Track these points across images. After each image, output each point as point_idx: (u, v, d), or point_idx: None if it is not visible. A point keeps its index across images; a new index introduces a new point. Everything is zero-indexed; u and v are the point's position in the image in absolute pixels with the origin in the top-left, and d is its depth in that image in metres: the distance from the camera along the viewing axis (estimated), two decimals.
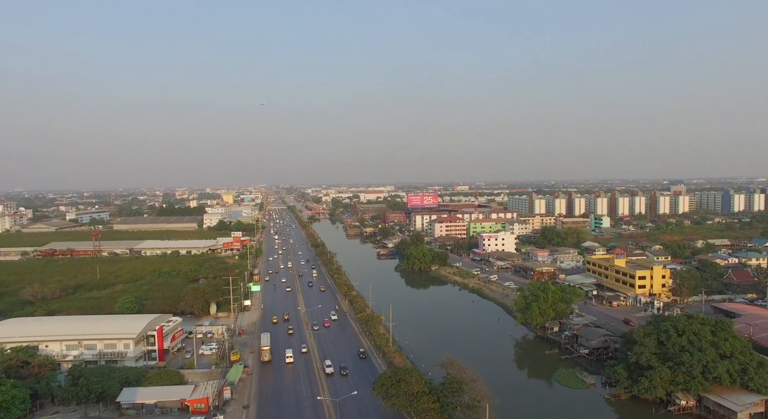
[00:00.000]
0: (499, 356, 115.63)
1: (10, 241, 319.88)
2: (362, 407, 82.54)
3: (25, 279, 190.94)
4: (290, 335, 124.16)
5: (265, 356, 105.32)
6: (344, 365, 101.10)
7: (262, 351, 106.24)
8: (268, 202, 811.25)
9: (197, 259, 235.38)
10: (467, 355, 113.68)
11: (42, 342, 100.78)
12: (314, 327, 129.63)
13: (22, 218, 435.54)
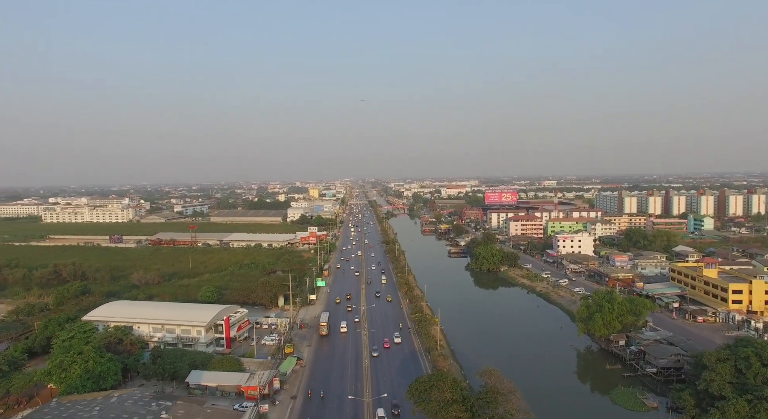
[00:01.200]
0: (555, 367, 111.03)
1: (130, 230, 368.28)
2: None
3: (136, 265, 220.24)
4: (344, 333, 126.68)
5: (323, 330, 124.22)
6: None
7: (321, 325, 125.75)
8: (351, 196, 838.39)
9: (276, 252, 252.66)
10: (521, 363, 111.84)
11: (135, 323, 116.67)
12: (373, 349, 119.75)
13: (141, 209, 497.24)
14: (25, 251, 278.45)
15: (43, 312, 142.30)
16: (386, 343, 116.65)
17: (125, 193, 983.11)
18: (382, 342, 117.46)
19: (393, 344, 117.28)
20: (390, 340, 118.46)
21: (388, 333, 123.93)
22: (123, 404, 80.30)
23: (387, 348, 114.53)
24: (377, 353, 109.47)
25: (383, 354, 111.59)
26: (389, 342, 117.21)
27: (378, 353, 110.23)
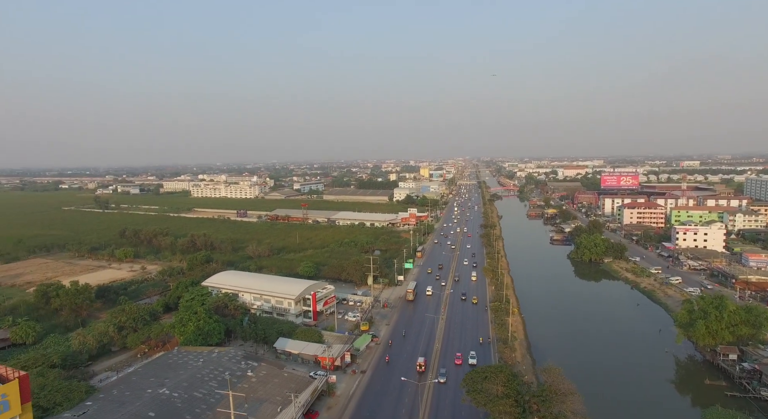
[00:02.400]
0: (644, 374, 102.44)
1: (255, 206, 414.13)
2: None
3: (254, 238, 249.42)
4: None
5: (410, 296, 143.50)
6: (459, 354, 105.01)
7: (408, 292, 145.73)
8: (462, 176, 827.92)
9: (376, 232, 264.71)
10: (605, 365, 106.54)
11: (240, 291, 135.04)
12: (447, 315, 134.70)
13: (265, 187, 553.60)
14: (175, 221, 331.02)
15: (179, 275, 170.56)
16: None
17: (257, 171, 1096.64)
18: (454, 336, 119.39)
19: (467, 328, 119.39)
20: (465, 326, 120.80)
21: (465, 328, 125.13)
22: (220, 359, 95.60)
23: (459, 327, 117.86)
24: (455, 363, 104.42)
25: (455, 339, 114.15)
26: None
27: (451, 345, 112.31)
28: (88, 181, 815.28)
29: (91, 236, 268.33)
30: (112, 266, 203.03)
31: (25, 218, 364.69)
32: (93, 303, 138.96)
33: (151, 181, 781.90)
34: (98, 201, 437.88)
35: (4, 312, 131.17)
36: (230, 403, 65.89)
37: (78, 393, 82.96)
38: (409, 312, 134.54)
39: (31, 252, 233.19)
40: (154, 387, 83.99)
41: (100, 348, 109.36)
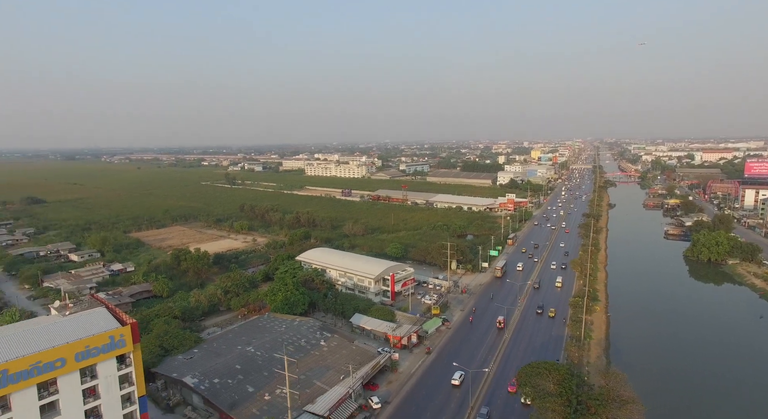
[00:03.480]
0: (745, 393, 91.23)
1: (360, 185, 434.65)
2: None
3: (353, 217, 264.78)
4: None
5: (498, 273, 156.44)
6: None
7: (496, 269, 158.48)
8: (578, 160, 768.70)
9: (471, 216, 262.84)
10: (697, 376, 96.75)
11: (328, 267, 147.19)
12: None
13: (372, 167, 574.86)
14: (287, 198, 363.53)
15: (281, 248, 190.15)
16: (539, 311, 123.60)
17: (368, 151, 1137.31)
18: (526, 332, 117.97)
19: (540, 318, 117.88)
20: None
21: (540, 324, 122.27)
22: (300, 327, 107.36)
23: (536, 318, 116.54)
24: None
25: (526, 329, 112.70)
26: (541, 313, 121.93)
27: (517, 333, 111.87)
28: (223, 159, 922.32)
29: (218, 209, 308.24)
30: (231, 236, 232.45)
31: (173, 191, 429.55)
32: (210, 268, 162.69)
33: (274, 160, 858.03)
34: (228, 177, 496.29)
35: (150, 269, 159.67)
36: (285, 365, 75.31)
37: (189, 341, 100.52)
38: (485, 302, 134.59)
39: (174, 221, 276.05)
40: (243, 345, 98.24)
41: (211, 307, 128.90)
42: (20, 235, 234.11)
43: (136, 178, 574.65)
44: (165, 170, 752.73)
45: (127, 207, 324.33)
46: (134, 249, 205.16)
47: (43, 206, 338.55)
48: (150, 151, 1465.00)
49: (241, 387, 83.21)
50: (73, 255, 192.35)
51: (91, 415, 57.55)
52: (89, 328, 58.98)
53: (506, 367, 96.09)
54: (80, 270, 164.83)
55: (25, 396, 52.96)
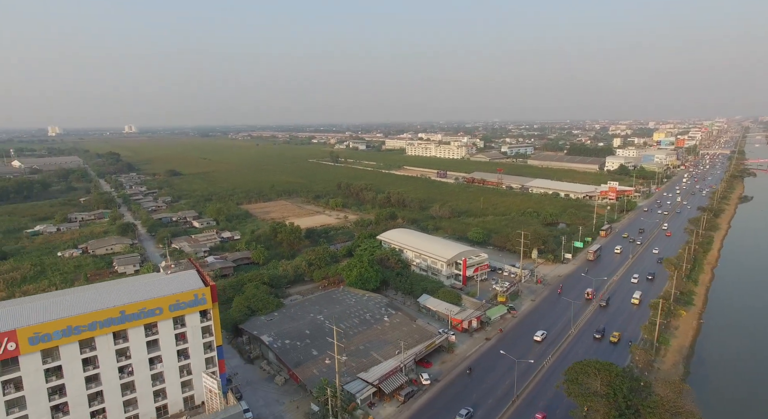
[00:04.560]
0: None
1: (458, 166, 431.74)
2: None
3: (442, 199, 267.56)
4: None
5: (590, 256, 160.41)
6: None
7: (589, 252, 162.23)
8: (714, 143, 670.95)
9: (567, 204, 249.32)
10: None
11: (405, 248, 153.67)
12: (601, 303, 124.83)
13: (472, 148, 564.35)
14: (384, 177, 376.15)
15: (368, 226, 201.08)
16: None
17: (473, 130, 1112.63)
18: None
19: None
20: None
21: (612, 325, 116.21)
22: (368, 302, 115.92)
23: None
24: (599, 335, 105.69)
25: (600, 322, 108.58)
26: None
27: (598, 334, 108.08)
28: (331, 137, 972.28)
29: (319, 185, 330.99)
30: (326, 212, 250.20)
31: (282, 167, 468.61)
32: (302, 241, 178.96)
33: (378, 138, 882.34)
34: (332, 155, 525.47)
35: (252, 239, 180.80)
36: (334, 336, 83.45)
37: (272, 305, 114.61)
38: (555, 295, 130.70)
39: (279, 195, 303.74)
40: (315, 313, 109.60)
41: (296, 276, 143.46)
42: (161, 203, 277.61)
43: (254, 154, 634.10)
44: (279, 147, 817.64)
45: (243, 181, 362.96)
46: (243, 219, 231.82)
47: (180, 178, 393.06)
48: (269, 129, 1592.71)
49: (307, 349, 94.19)
50: (196, 222, 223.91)
51: (182, 355, 71.46)
52: (181, 286, 72.62)
53: (563, 362, 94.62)
54: (198, 236, 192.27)
55: (137, 332, 67.90)
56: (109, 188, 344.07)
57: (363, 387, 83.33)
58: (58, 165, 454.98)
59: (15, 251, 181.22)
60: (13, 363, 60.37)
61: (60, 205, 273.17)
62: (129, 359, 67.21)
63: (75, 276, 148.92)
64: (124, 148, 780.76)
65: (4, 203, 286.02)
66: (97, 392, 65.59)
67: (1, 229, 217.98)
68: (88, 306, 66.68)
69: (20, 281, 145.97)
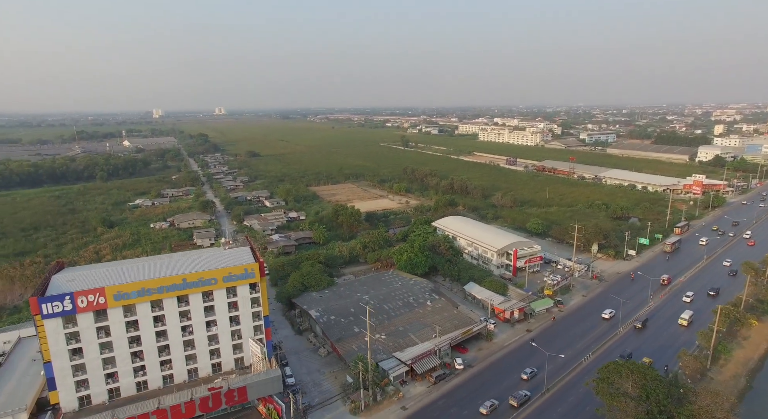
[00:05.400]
0: None
1: (530, 154, 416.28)
2: None
3: (507, 187, 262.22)
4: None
5: (667, 248, 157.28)
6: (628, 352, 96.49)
7: (665, 244, 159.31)
8: None
9: (643, 197, 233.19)
10: None
11: (458, 236, 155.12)
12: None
13: (547, 135, 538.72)
14: (451, 163, 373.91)
15: (427, 212, 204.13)
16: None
17: (554, 116, 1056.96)
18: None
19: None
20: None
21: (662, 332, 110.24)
22: (413, 286, 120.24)
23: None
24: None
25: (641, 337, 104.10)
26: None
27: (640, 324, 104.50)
28: (405, 121, 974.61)
29: (386, 170, 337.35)
30: (389, 197, 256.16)
31: (354, 150, 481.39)
32: (361, 224, 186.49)
33: (452, 123, 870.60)
34: (403, 140, 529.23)
35: (315, 220, 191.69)
36: (367, 315, 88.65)
37: (324, 282, 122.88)
38: (617, 289, 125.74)
39: (347, 178, 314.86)
40: (362, 293, 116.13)
41: (352, 257, 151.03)
42: (239, 182, 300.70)
43: (329, 137, 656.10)
44: (354, 130, 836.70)
45: (314, 163, 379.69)
46: (310, 201, 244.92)
47: (258, 159, 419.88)
48: (347, 112, 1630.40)
49: (349, 326, 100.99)
50: (267, 201, 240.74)
51: (233, 321, 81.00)
52: (234, 260, 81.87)
53: (600, 362, 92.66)
54: (268, 215, 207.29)
55: (196, 298, 78.19)
56: (197, 167, 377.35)
57: (396, 365, 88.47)
58: (157, 145, 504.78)
59: (119, 221, 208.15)
60: (104, 314, 72.76)
61: (156, 181, 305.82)
62: (190, 320, 77.78)
63: (162, 245, 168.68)
64: (213, 129, 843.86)
65: (114, 178, 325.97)
66: (165, 345, 76.89)
67: (111, 201, 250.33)
68: (160, 272, 77.86)
69: (121, 247, 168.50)
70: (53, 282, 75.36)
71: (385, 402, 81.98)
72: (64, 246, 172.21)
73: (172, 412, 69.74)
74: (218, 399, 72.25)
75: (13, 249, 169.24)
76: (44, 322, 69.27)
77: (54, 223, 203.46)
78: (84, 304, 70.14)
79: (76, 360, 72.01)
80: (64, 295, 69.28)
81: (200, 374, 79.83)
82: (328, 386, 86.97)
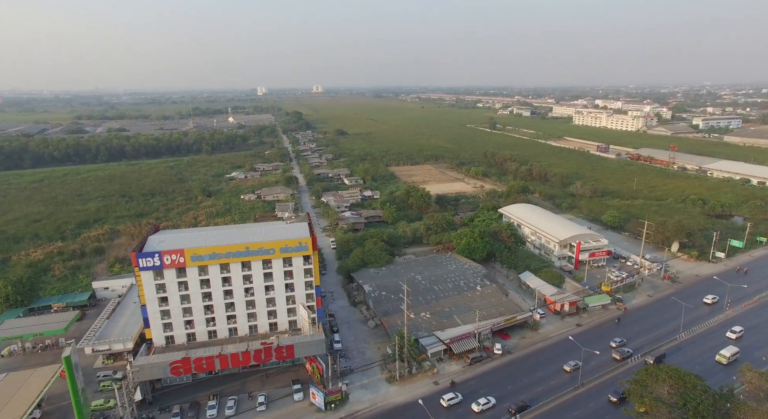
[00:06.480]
0: None
1: (629, 140, 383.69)
2: None
3: (590, 175, 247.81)
4: None
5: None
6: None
7: None
8: None
9: (754, 193, 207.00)
10: None
11: (523, 224, 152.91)
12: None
13: (651, 120, 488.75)
14: (538, 148, 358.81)
15: (499, 198, 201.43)
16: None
17: (669, 97, 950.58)
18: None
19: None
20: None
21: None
22: (466, 271, 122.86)
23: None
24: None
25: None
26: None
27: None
28: (498, 101, 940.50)
29: (467, 152, 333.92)
30: (465, 180, 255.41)
31: (438, 131, 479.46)
32: (430, 206, 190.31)
33: (548, 104, 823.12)
34: (490, 122, 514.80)
35: (387, 199, 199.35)
36: (405, 294, 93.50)
37: (382, 260, 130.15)
38: (688, 293, 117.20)
39: (426, 159, 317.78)
40: (415, 273, 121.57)
41: (415, 238, 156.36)
42: (323, 159, 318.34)
43: (417, 117, 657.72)
44: (443, 110, 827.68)
45: (397, 143, 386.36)
46: (387, 180, 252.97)
47: (345, 137, 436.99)
48: (439, 91, 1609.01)
49: (398, 302, 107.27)
50: (346, 179, 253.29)
51: (288, 288, 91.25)
52: (292, 234, 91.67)
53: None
54: (344, 192, 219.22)
55: (257, 265, 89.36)
56: (288, 144, 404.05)
57: (435, 343, 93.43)
58: (257, 122, 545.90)
59: (216, 191, 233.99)
60: (183, 272, 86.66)
61: (251, 156, 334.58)
62: (251, 283, 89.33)
63: (248, 215, 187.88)
64: (308, 106, 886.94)
65: (217, 152, 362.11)
66: (231, 302, 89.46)
67: (212, 173, 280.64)
68: (231, 240, 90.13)
69: (215, 214, 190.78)
70: (149, 241, 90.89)
71: (419, 375, 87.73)
72: (171, 211, 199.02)
73: (231, 358, 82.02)
74: (269, 353, 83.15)
75: (135, 212, 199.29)
76: (141, 273, 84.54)
77: (166, 191, 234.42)
78: (168, 262, 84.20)
79: (164, 306, 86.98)
80: (154, 253, 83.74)
81: (259, 331, 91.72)
82: (370, 354, 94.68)
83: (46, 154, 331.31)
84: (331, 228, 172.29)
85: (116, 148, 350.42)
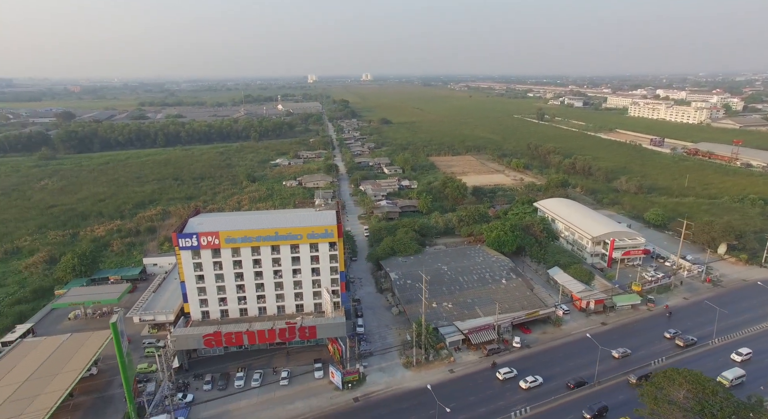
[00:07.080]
0: None
1: (689, 134, 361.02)
2: None
3: (638, 171, 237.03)
4: None
5: None
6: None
7: None
8: None
9: None
10: None
11: (556, 219, 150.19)
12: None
13: (717, 112, 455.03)
14: (586, 141, 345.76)
15: (538, 192, 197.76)
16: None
17: (747, 85, 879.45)
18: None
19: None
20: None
21: None
22: (493, 264, 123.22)
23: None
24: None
25: None
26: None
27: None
28: (549, 91, 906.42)
29: (511, 144, 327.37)
30: (505, 172, 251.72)
31: (484, 121, 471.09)
32: (466, 197, 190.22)
33: (603, 94, 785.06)
34: (538, 113, 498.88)
35: (424, 189, 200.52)
36: (424, 284, 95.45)
37: (411, 249, 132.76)
38: (728, 299, 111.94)
39: (468, 150, 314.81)
40: (442, 263, 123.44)
41: (447, 229, 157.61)
42: (366, 148, 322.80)
43: (463, 106, 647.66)
44: (491, 99, 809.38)
45: (441, 133, 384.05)
46: (426, 170, 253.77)
47: (389, 126, 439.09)
48: (490, 79, 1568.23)
49: (421, 291, 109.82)
50: (386, 168, 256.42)
51: (314, 272, 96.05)
52: (319, 221, 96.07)
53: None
54: (382, 181, 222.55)
55: (286, 249, 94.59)
56: (333, 132, 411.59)
57: (454, 332, 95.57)
58: (304, 110, 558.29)
59: (260, 177, 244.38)
60: (218, 253, 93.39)
61: (296, 143, 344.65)
62: (280, 266, 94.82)
63: (288, 201, 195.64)
64: (356, 94, 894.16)
65: (265, 139, 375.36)
66: (260, 283, 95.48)
67: (258, 159, 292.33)
68: (262, 224, 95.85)
69: (257, 199, 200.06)
70: (189, 223, 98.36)
71: (435, 362, 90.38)
72: (218, 195, 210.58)
73: (258, 335, 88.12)
74: (293, 332, 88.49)
75: (185, 194, 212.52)
76: (180, 252, 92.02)
77: (214, 175, 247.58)
78: (205, 243, 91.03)
79: (200, 284, 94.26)
80: (192, 234, 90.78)
81: (286, 311, 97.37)
82: (391, 340, 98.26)
83: (113, 138, 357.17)
84: (366, 217, 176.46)
85: (173, 134, 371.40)
